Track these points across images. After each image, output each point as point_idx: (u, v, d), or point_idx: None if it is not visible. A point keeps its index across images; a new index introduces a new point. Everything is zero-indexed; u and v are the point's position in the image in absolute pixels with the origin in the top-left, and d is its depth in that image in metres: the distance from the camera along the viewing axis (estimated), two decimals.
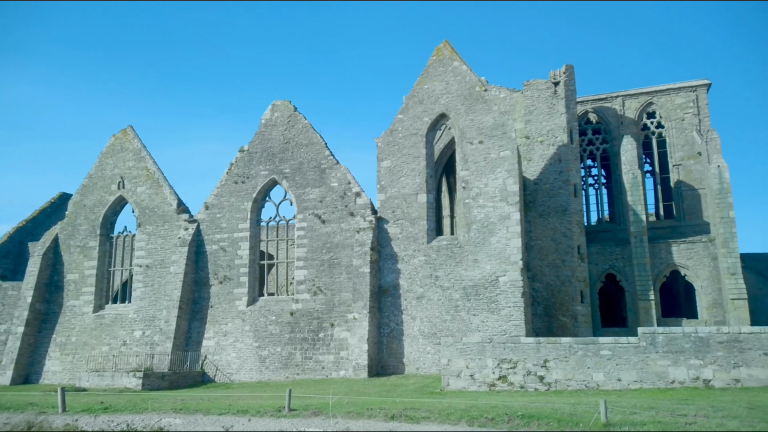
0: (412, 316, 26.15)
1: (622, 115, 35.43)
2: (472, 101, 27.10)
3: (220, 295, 29.13)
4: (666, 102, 34.65)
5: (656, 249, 31.87)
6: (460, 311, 25.37)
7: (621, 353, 17.94)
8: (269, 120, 30.33)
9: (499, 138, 26.31)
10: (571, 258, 29.49)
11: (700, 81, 34.16)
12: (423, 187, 27.16)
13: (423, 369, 25.33)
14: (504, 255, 25.21)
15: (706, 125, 33.46)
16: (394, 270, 26.85)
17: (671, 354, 17.50)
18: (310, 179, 28.96)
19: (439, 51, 28.18)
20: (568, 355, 18.35)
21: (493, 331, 24.35)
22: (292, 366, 26.93)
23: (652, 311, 30.33)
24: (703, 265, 31.00)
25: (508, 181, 25.78)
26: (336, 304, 27.13)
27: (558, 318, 29.09)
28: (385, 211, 27.53)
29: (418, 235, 26.78)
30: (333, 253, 27.75)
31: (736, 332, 17.33)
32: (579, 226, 30.20)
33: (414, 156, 27.59)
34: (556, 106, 31.16)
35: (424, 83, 28.13)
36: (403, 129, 28.05)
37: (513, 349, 18.97)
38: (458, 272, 25.83)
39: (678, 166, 33.92)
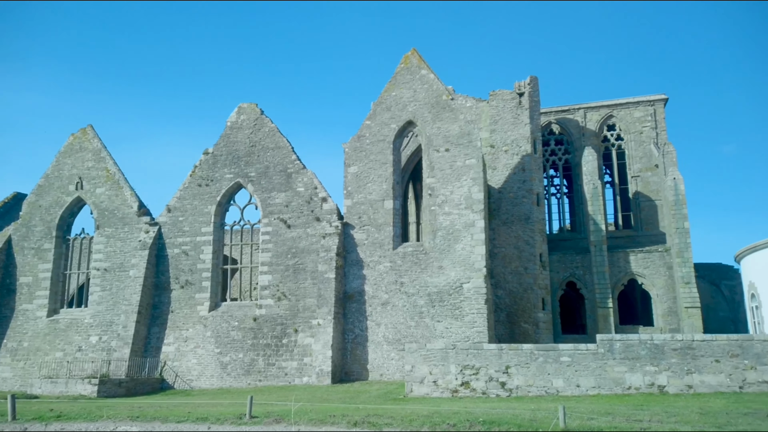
0: (376, 322, 26.17)
1: (584, 126, 36.37)
2: (439, 109, 27.40)
3: (181, 299, 28.55)
4: (625, 115, 35.75)
5: (615, 258, 32.77)
6: (425, 317, 25.51)
7: (580, 360, 18.34)
8: (235, 123, 29.98)
9: (465, 146, 26.66)
10: (534, 266, 30.03)
11: (658, 96, 35.38)
12: (390, 193, 27.27)
13: (387, 375, 25.35)
14: (468, 262, 25.50)
15: (663, 138, 34.66)
16: (360, 276, 26.84)
17: (628, 361, 17.98)
18: (276, 183, 28.72)
19: (407, 59, 28.41)
20: (530, 362, 18.66)
21: (457, 338, 24.57)
22: (254, 372, 26.57)
23: (610, 318, 31.13)
24: (659, 274, 32.01)
25: (474, 189, 26.12)
26: (300, 310, 26.93)
27: (520, 324, 29.55)
28: (351, 216, 27.52)
29: (384, 241, 26.85)
30: (298, 259, 27.57)
31: (689, 340, 17.93)
32: (541, 235, 30.80)
33: (381, 162, 27.69)
34: (520, 116, 31.77)
35: (392, 90, 28.30)
36: (370, 135, 28.13)
37: (476, 356, 19.17)
38: (423, 279, 25.99)
39: (636, 178, 34.99)
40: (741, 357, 17.33)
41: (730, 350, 17.43)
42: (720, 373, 17.28)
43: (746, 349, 17.33)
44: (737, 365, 17.28)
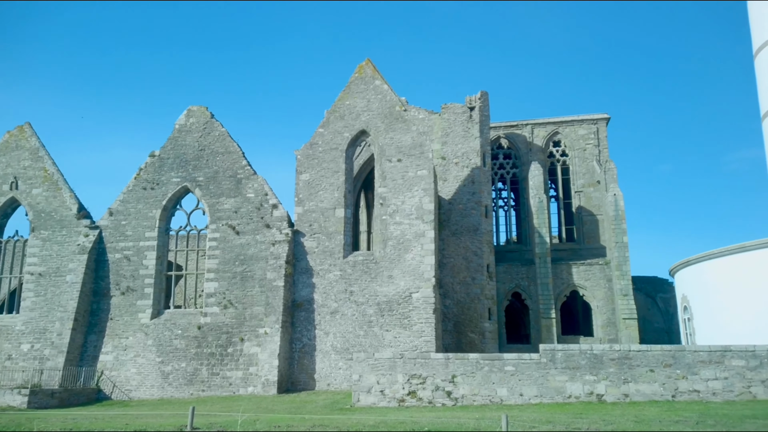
0: (325, 331, 25.98)
1: (531, 142, 37.51)
2: (392, 120, 27.64)
3: (121, 306, 27.50)
4: (570, 132, 37.11)
5: (558, 270, 33.84)
6: (374, 327, 25.54)
7: (524, 369, 18.78)
8: (184, 125, 29.27)
9: (417, 157, 26.97)
10: (481, 276, 30.60)
11: (601, 115, 36.93)
12: (341, 201, 27.24)
13: (334, 385, 25.17)
14: (418, 272, 25.73)
15: (605, 156, 36.15)
16: (309, 284, 26.62)
17: (569, 370, 18.55)
18: (225, 189, 28.18)
19: (362, 69, 28.57)
20: (475, 371, 18.96)
21: (405, 347, 24.70)
22: (197, 382, 25.84)
23: (553, 329, 32.07)
24: (600, 286, 33.26)
25: (425, 199, 26.43)
26: (247, 318, 26.43)
27: (467, 334, 30.00)
28: (302, 224, 27.30)
29: (335, 250, 26.75)
30: (246, 266, 27.08)
31: (626, 350, 18.68)
32: (489, 246, 31.45)
33: (333, 170, 27.64)
34: (471, 129, 32.45)
35: (346, 99, 28.36)
36: (323, 143, 28.06)
37: (423, 365, 19.32)
38: (373, 288, 26.03)
39: (579, 193, 36.32)
40: (674, 367, 18.18)
41: (664, 360, 18.26)
42: (654, 383, 18.07)
43: (678, 360, 18.20)
44: (670, 375, 18.11)
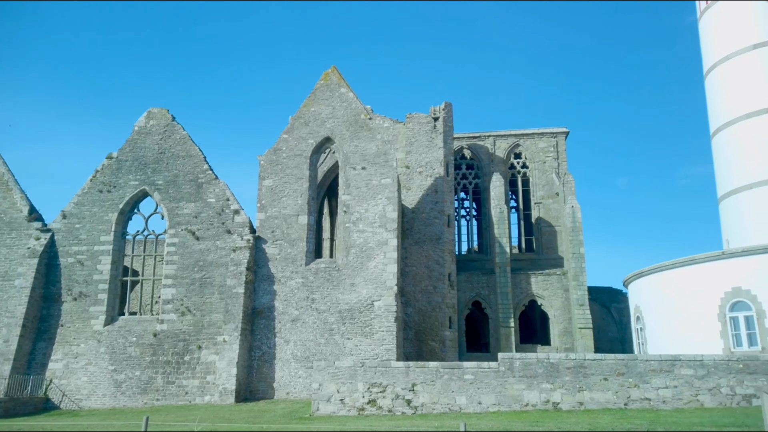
0: (285, 339, 25.70)
1: (493, 153, 38.17)
2: (357, 128, 27.69)
3: (73, 312, 26.55)
4: (531, 145, 37.94)
5: (518, 279, 34.43)
6: (335, 335, 25.41)
7: (483, 377, 19.00)
8: (143, 127, 28.61)
9: (382, 166, 27.08)
10: (443, 285, 30.87)
11: (560, 129, 37.90)
12: (304, 208, 27.07)
13: (294, 394, 24.89)
14: (380, 280, 25.76)
15: (563, 169, 37.08)
16: (270, 291, 26.31)
17: (526, 378, 18.87)
18: (186, 193, 27.64)
19: (327, 76, 28.56)
20: (435, 379, 19.07)
21: (366, 355, 24.66)
22: (152, 391, 25.13)
23: (511, 337, 32.56)
24: (557, 296, 33.99)
25: (388, 208, 26.53)
26: (205, 326, 25.91)
27: (428, 342, 30.17)
28: (264, 230, 27.00)
29: (297, 257, 26.54)
30: (205, 272, 26.58)
31: (581, 359, 19.13)
32: (451, 255, 31.78)
33: (297, 177, 27.47)
34: (435, 139, 32.81)
35: (311, 105, 28.28)
36: (287, 149, 27.87)
37: (383, 373, 19.32)
38: (335, 295, 25.91)
39: (539, 204, 37.11)
40: (626, 375, 18.71)
41: (617, 369, 18.78)
42: (608, 391, 18.55)
43: (631, 368, 18.74)
44: (623, 383, 18.63)
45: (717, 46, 30.27)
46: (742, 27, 29.01)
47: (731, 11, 29.62)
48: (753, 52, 28.41)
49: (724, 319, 23.43)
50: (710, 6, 30.81)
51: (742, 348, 22.78)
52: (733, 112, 28.77)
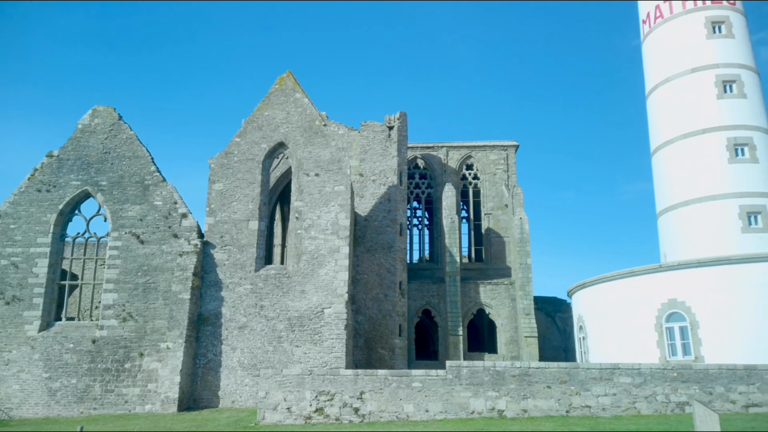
0: (232, 346, 25.15)
1: (446, 164, 38.73)
2: (311, 134, 27.54)
3: (5, 317, 25.15)
4: (482, 157, 38.73)
5: (467, 288, 34.96)
6: (283, 342, 25.05)
7: (430, 385, 19.14)
8: (88, 126, 27.53)
9: (335, 173, 27.01)
10: (393, 293, 30.99)
11: (511, 142, 38.85)
12: (255, 213, 26.65)
13: (239, 402, 24.35)
14: (331, 287, 25.61)
15: (513, 181, 37.99)
16: (218, 298, 25.71)
17: (473, 386, 19.13)
18: (131, 195, 26.74)
19: (282, 81, 28.32)
20: (383, 387, 19.07)
21: (315, 363, 24.42)
22: (89, 400, 24.06)
23: (460, 345, 32.97)
24: (504, 305, 34.68)
25: (341, 215, 26.46)
26: (148, 332, 25.05)
27: (377, 350, 30.17)
28: (212, 235, 26.40)
29: (246, 263, 26.07)
30: (150, 277, 25.72)
31: (526, 367, 19.56)
32: (402, 264, 31.97)
33: (249, 181, 27.03)
34: (389, 148, 33.01)
35: (265, 110, 27.95)
36: (239, 153, 27.42)
37: (332, 381, 19.18)
38: (284, 302, 25.57)
39: (489, 215, 37.86)
40: (568, 383, 19.25)
41: (560, 377, 19.30)
42: (551, 398, 19.02)
43: (573, 376, 19.30)
44: (565, 391, 19.15)
45: (658, 69, 31.80)
46: (682, 51, 30.60)
47: (672, 36, 31.21)
48: (691, 75, 30.00)
49: (660, 329, 24.48)
50: (653, 30, 32.38)
51: (677, 357, 23.84)
52: (671, 132, 30.25)
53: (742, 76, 29.32)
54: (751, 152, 28.08)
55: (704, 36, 30.17)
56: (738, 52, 29.90)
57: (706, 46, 30.05)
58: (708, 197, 28.04)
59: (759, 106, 29.33)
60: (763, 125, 28.96)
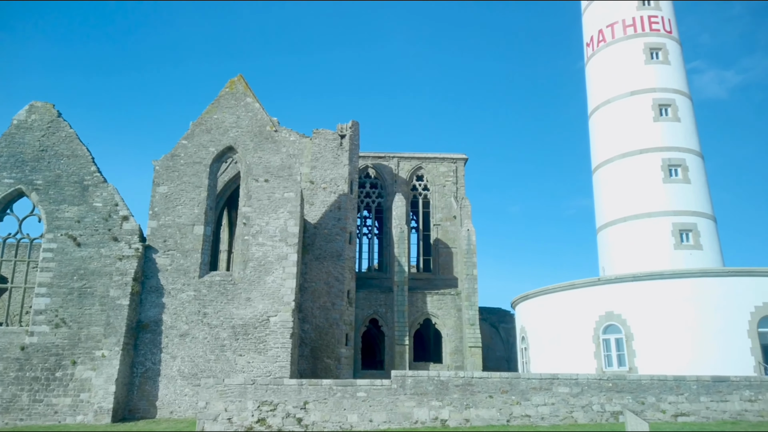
0: (172, 355, 24.35)
1: (397, 174, 39.04)
2: (261, 139, 27.19)
3: None
4: (432, 168, 39.27)
5: (414, 298, 35.22)
6: (226, 351, 24.47)
7: (375, 395, 19.14)
8: (24, 122, 26.22)
9: (285, 179, 26.74)
10: (341, 302, 30.86)
11: (460, 155, 39.59)
12: (201, 218, 26.02)
13: (178, 413, 23.58)
14: (278, 295, 25.25)
15: (461, 193, 38.68)
16: (159, 304, 24.88)
17: (417, 396, 19.25)
18: (68, 195, 25.60)
19: (233, 84, 27.89)
20: (328, 397, 18.93)
21: (259, 372, 23.97)
22: (15, 410, 22.72)
23: (406, 355, 33.12)
24: (450, 315, 35.13)
25: (290, 222, 26.19)
26: (82, 339, 23.94)
27: (323, 360, 29.92)
28: (155, 239, 25.58)
29: (190, 269, 25.37)
30: (86, 281, 24.64)
31: (469, 377, 19.86)
32: (351, 272, 31.90)
33: (195, 185, 26.39)
34: (340, 157, 32.99)
35: (214, 113, 27.42)
36: (186, 155, 26.75)
37: (275, 391, 18.89)
38: (229, 310, 25.02)
39: (438, 226, 38.36)
40: (510, 393, 19.66)
41: (502, 387, 19.69)
42: (492, 408, 19.37)
43: (514, 386, 19.73)
44: (506, 401, 19.55)
45: (600, 90, 33.22)
46: (622, 75, 32.09)
47: (613, 59, 32.69)
48: (630, 98, 31.48)
49: (597, 340, 25.39)
50: (596, 53, 33.83)
51: (613, 368, 24.78)
52: (611, 151, 31.61)
53: (677, 100, 31.01)
54: (683, 173, 29.66)
55: (643, 61, 31.75)
56: (673, 77, 31.63)
57: (644, 70, 31.62)
58: (644, 214, 29.40)
59: (692, 129, 31.06)
60: (695, 148, 30.69)
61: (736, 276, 24.05)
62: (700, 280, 24.17)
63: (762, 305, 23.19)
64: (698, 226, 28.82)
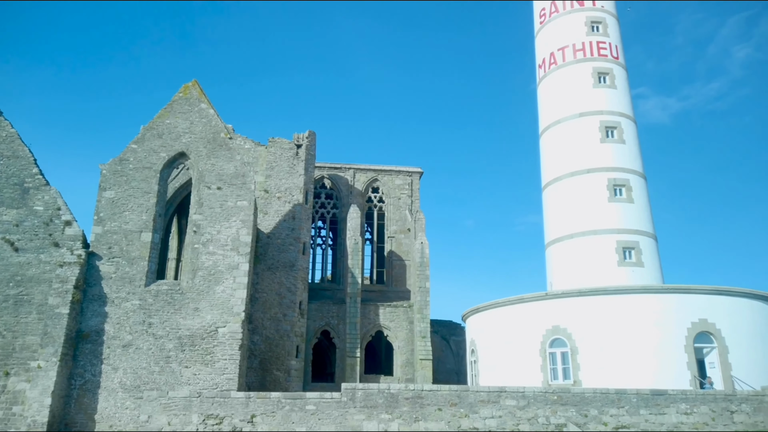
0: (114, 366, 23.42)
1: (353, 185, 39.09)
2: (215, 146, 26.73)
3: None
4: (388, 181, 39.53)
5: (367, 310, 35.18)
6: (172, 362, 23.73)
7: (324, 408, 18.97)
8: None
9: (239, 187, 26.34)
10: (293, 313, 30.50)
11: (416, 168, 40.03)
12: (149, 225, 25.27)
13: (118, 426, 22.64)
14: (227, 305, 24.73)
15: (416, 206, 39.05)
16: (101, 313, 23.93)
17: (367, 409, 19.20)
18: (7, 198, 24.41)
19: (187, 89, 27.36)
20: (276, 410, 18.64)
21: (205, 385, 23.33)
22: None
23: (357, 368, 32.99)
24: (402, 327, 35.26)
25: (242, 231, 25.77)
26: (17, 349, 22.73)
27: (272, 372, 29.43)
28: (99, 246, 24.65)
29: (136, 277, 24.55)
30: (23, 288, 23.47)
31: (419, 389, 19.96)
32: (304, 283, 31.61)
33: (144, 191, 25.64)
34: (296, 166, 32.79)
35: (167, 117, 26.80)
36: (135, 160, 25.99)
37: (222, 404, 18.47)
38: (176, 320, 24.30)
39: (392, 238, 38.55)
40: (458, 406, 19.86)
41: (451, 400, 19.87)
42: (441, 420, 19.51)
43: (463, 399, 19.95)
44: (455, 413, 19.73)
45: (550, 111, 34.33)
46: (571, 96, 33.28)
47: (563, 81, 33.87)
48: (579, 119, 32.65)
49: (544, 354, 26.00)
50: (547, 75, 34.98)
51: (558, 381, 25.39)
52: (560, 170, 32.63)
53: (622, 123, 32.37)
54: (627, 193, 30.91)
55: (591, 85, 33.03)
56: (620, 101, 33.02)
57: (593, 93, 32.90)
58: (590, 232, 30.43)
59: (636, 151, 32.45)
60: (639, 169, 32.05)
61: (674, 293, 25.17)
62: (641, 297, 25.16)
63: (698, 321, 24.32)
64: (640, 244, 30.02)
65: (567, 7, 34.99)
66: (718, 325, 24.32)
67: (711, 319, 24.37)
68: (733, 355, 24.00)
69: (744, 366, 23.88)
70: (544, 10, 36.36)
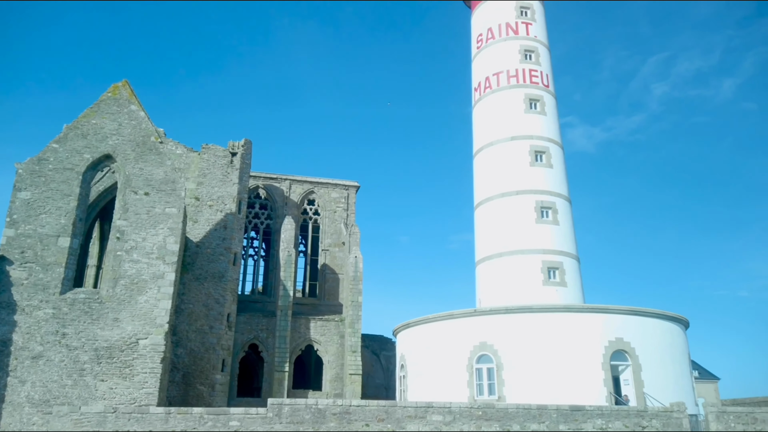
0: (21, 379, 21.82)
1: (288, 197, 38.66)
2: (144, 150, 25.73)
3: None
4: (324, 194, 39.39)
5: (297, 324, 34.70)
6: (86, 375, 22.39)
7: (249, 424, 18.44)
8: None
9: (168, 194, 25.43)
10: (220, 325, 29.62)
11: (353, 182, 40.14)
12: (68, 229, 23.89)
13: None
14: (150, 316, 23.67)
15: (351, 220, 39.09)
16: (9, 322, 22.29)
17: (293, 424, 18.83)
18: None
19: (117, 89, 26.26)
20: (198, 427, 17.94)
21: (122, 400, 22.16)
22: None
23: (285, 382, 32.38)
24: (333, 342, 35.00)
25: (170, 239, 24.84)
26: None
27: (196, 386, 28.38)
28: (11, 250, 23.03)
29: (51, 284, 23.08)
30: None
31: (347, 405, 19.81)
32: (233, 294, 30.79)
33: (64, 193, 24.25)
34: (230, 174, 32.08)
35: (93, 117, 25.56)
36: (55, 160, 24.57)
37: (139, 420, 17.57)
38: (93, 331, 22.99)
39: (326, 251, 38.34)
40: (386, 421, 19.85)
41: (378, 415, 19.83)
42: None
43: (391, 414, 19.96)
44: (382, 429, 19.69)
45: (484, 133, 35.47)
46: (504, 120, 34.55)
47: (497, 105, 35.13)
48: (510, 142, 33.90)
49: (471, 369, 26.52)
50: (482, 98, 36.18)
51: (483, 396, 25.93)
52: (491, 190, 33.69)
53: (551, 148, 33.88)
54: (553, 215, 32.28)
55: (523, 110, 34.43)
56: (549, 127, 34.58)
57: (524, 118, 34.28)
58: (517, 251, 31.50)
59: (562, 176, 34.03)
60: (565, 193, 33.60)
61: (593, 312, 26.42)
62: (563, 315, 26.23)
63: (615, 340, 25.60)
64: (564, 264, 31.36)
65: (503, 35, 36.41)
66: (632, 344, 25.67)
67: (626, 338, 25.71)
68: (646, 373, 25.39)
69: (655, 383, 25.30)
70: (481, 36, 37.67)
